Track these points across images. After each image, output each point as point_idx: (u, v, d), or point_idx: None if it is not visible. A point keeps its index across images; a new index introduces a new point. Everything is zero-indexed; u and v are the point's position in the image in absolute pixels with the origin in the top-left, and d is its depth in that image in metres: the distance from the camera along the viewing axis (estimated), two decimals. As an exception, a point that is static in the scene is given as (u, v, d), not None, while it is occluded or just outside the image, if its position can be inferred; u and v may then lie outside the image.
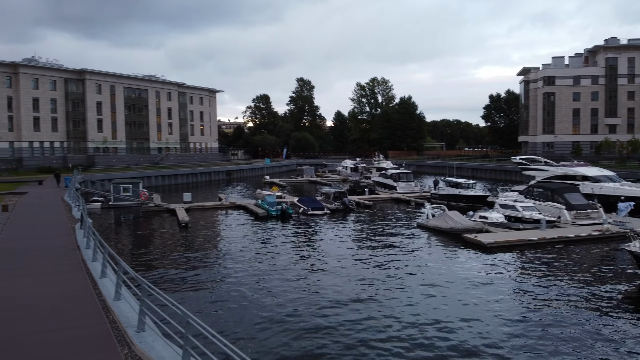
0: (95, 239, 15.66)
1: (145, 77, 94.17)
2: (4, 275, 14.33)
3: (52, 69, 78.27)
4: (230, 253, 26.79)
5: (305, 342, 14.28)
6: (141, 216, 41.40)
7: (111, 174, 64.29)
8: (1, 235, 21.43)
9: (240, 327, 15.53)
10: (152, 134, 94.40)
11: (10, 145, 73.59)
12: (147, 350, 8.49)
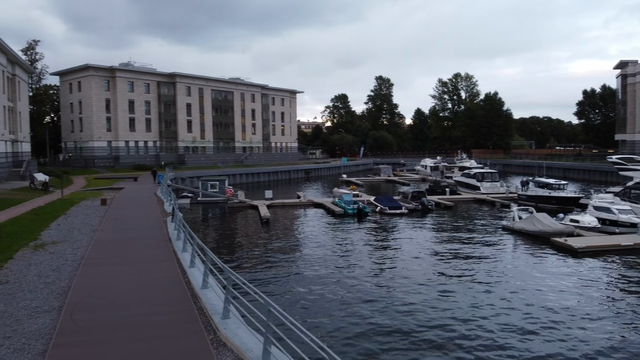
0: (185, 231, 16.77)
1: (231, 79, 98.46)
2: (107, 263, 15.79)
3: (146, 73, 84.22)
4: (308, 248, 27.41)
5: (383, 339, 14.35)
6: (226, 211, 43.44)
7: (199, 171, 67.96)
8: (100, 227, 23.52)
9: (319, 318, 15.93)
10: (237, 134, 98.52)
11: (108, 145, 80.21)
12: (231, 337, 9.03)
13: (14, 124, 56.66)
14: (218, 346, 8.92)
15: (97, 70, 78.01)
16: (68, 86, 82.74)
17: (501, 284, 20.39)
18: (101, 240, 19.72)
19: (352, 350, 13.52)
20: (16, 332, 9.62)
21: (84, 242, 19.57)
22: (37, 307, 11.25)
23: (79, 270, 14.73)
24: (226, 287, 10.11)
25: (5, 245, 18.44)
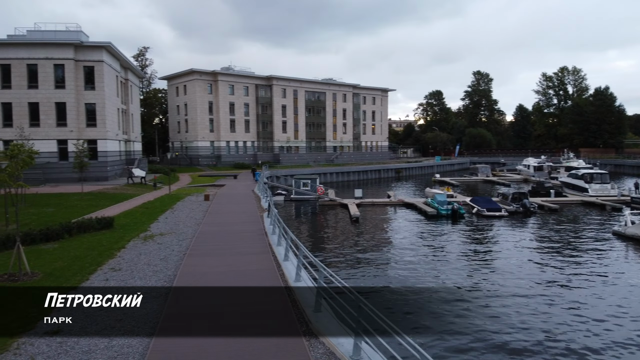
0: (280, 226, 17.34)
1: (323, 80, 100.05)
2: (209, 254, 16.78)
3: (245, 76, 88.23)
4: (399, 248, 27.04)
5: (473, 342, 13.75)
6: (317, 209, 44.22)
7: (293, 170, 69.90)
8: (203, 220, 25.02)
9: (408, 318, 15.65)
10: (328, 133, 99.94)
11: (211, 144, 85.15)
12: (323, 330, 9.16)
13: (127, 125, 62.26)
14: (310, 338, 9.11)
15: (201, 75, 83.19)
16: (175, 90, 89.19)
17: (610, 294, 18.62)
18: (204, 233, 20.99)
19: (444, 353, 13.11)
20: (127, 316, 10.51)
21: (189, 234, 20.95)
22: (146, 292, 12.21)
23: (184, 260, 15.79)
24: (317, 281, 10.29)
25: (119, 236, 20.30)
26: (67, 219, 22.92)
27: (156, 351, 8.57)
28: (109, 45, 49.92)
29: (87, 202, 32.22)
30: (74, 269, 14.51)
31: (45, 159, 45.12)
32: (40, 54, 46.88)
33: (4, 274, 13.53)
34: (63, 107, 47.93)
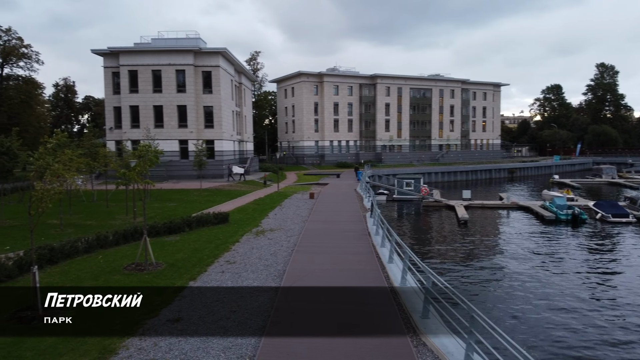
0: (384, 227, 17.16)
1: (430, 76, 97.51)
2: (315, 252, 17.12)
3: (349, 76, 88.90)
4: (512, 255, 25.42)
5: None
6: (421, 210, 43.20)
7: (395, 169, 69.07)
8: (309, 218, 25.61)
9: (523, 331, 14.63)
10: (434, 131, 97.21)
11: (315, 144, 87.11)
12: (431, 337, 8.87)
13: (240, 126, 65.88)
14: (418, 345, 8.87)
15: (307, 77, 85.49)
16: (283, 92, 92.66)
17: None
18: (310, 231, 21.49)
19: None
20: (241, 308, 11.06)
21: (296, 231, 21.59)
22: (258, 287, 12.79)
23: (292, 256, 16.29)
24: (425, 286, 9.99)
25: (233, 230, 21.50)
26: (188, 213, 24.83)
27: (268, 345, 8.90)
28: (225, 51, 53.17)
29: (205, 197, 34.65)
30: (193, 261, 15.62)
31: (168, 158, 49.35)
32: (164, 60, 51.33)
33: (132, 263, 14.96)
34: (184, 109, 52.07)
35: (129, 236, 18.68)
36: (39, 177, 10.96)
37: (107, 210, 28.37)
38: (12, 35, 55.98)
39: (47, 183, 10.76)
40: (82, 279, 13.29)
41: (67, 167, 12.63)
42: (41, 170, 10.92)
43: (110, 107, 53.21)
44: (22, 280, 13.03)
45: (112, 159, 31.62)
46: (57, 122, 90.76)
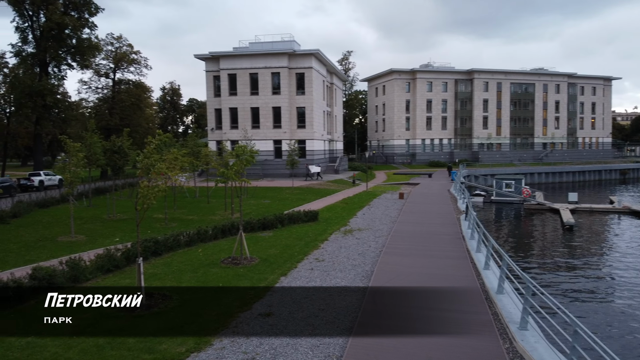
0: (480, 231, 16.34)
1: (532, 70, 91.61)
2: (404, 254, 16.78)
3: (444, 72, 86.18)
4: (623, 266, 23.00)
5: None
6: (522, 213, 40.69)
7: (494, 169, 65.79)
8: (398, 219, 25.16)
9: (633, 351, 13.17)
10: (536, 129, 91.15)
11: (406, 142, 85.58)
12: (529, 350, 8.27)
13: (331, 126, 66.59)
14: (514, 357, 8.31)
15: (399, 74, 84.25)
16: (374, 90, 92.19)
17: None
18: (399, 232, 21.11)
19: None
20: (329, 306, 11.11)
21: (384, 231, 21.33)
22: (345, 286, 12.79)
23: (380, 257, 16.09)
24: (524, 296, 9.33)
25: (322, 229, 21.73)
26: (280, 210, 25.56)
27: (355, 345, 8.83)
28: (317, 52, 54.05)
29: (297, 196, 35.48)
30: (284, 257, 16.02)
31: (263, 157, 51.25)
32: (260, 63, 53.34)
33: (229, 257, 15.67)
34: (278, 111, 53.77)
35: (227, 231, 19.62)
36: (146, 174, 11.79)
37: (207, 206, 30.06)
38: (123, 42, 61.24)
39: (151, 181, 11.53)
40: (183, 271, 14.17)
41: (172, 165, 13.48)
42: (147, 169, 11.74)
43: (212, 109, 56.41)
44: (128, 270, 14.18)
45: (212, 158, 33.52)
46: (164, 123, 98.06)
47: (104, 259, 13.93)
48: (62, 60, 49.42)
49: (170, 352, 8.51)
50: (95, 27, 50.25)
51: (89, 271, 13.14)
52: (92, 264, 13.51)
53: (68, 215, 22.06)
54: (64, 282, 12.23)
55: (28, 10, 46.36)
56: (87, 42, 49.04)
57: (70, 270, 12.61)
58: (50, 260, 14.90)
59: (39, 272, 11.76)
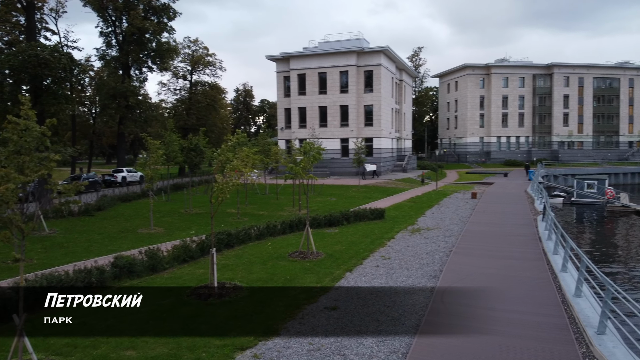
0: (558, 232, 15.52)
1: (617, 64, 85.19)
2: (475, 254, 16.28)
3: (520, 67, 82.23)
4: None
5: None
6: (605, 215, 38.03)
7: (575, 169, 62.05)
8: (470, 219, 24.38)
9: None
10: (622, 126, 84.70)
11: (480, 140, 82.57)
12: (607, 355, 7.78)
13: (399, 124, 65.75)
14: (591, 362, 7.83)
15: (473, 69, 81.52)
16: (446, 87, 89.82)
17: None
18: (470, 232, 20.48)
19: None
20: (395, 303, 11.02)
21: (455, 231, 20.78)
22: (412, 284, 12.62)
23: (450, 257, 15.70)
24: (603, 300, 8.75)
25: (389, 227, 21.55)
26: (346, 208, 25.66)
27: (421, 343, 8.71)
28: (386, 49, 53.59)
29: (363, 194, 35.43)
30: (350, 253, 16.07)
31: (330, 155, 51.62)
32: (329, 62, 53.72)
33: (296, 251, 15.99)
34: (346, 109, 53.91)
35: (294, 226, 20.02)
36: (220, 170, 12.31)
37: (276, 202, 30.80)
38: (199, 45, 64.08)
39: (226, 176, 12.04)
40: (253, 263, 14.63)
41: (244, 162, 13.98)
42: (222, 165, 12.26)
43: (282, 108, 57.65)
44: (202, 261, 14.86)
45: (281, 156, 34.30)
46: (237, 123, 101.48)
47: (180, 249, 14.70)
48: (143, 63, 52.60)
49: (240, 338, 8.83)
50: (174, 31, 52.97)
51: (166, 261, 13.93)
52: (169, 254, 14.31)
53: (148, 209, 23.47)
54: (142, 270, 13.06)
55: (111, 16, 49.76)
56: (165, 45, 51.83)
57: (149, 260, 13.44)
58: (131, 250, 15.92)
59: (120, 261, 12.64)
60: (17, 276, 10.85)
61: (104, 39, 51.04)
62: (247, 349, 8.50)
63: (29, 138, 7.78)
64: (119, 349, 8.36)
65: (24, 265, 7.94)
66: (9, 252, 15.80)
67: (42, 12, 41.11)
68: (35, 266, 14.21)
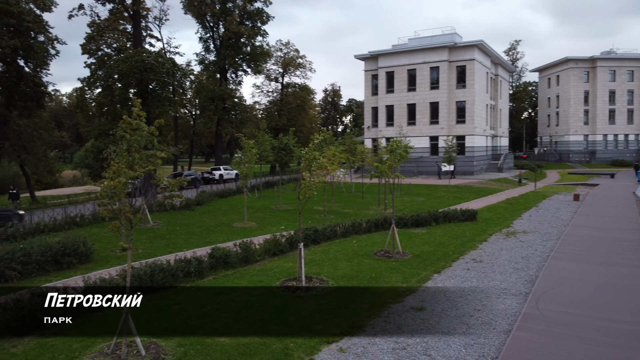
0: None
1: None
2: (576, 260, 15.17)
3: (630, 59, 74.65)
4: None
5: None
6: None
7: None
8: (571, 222, 22.68)
9: None
10: None
11: (584, 139, 76.31)
12: None
13: (495, 121, 62.73)
14: None
15: (576, 62, 75.59)
16: (546, 81, 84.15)
17: None
18: (571, 236, 19.11)
19: None
20: (485, 307, 10.60)
21: (554, 235, 19.50)
22: (505, 289, 12.04)
23: (547, 262, 14.77)
24: None
25: (481, 229, 20.70)
26: (435, 208, 25.05)
27: (512, 348, 8.32)
28: (481, 43, 51.44)
29: (453, 194, 34.35)
30: (438, 255, 15.69)
31: (418, 154, 50.63)
32: (418, 59, 52.70)
33: (381, 250, 15.92)
34: (436, 106, 52.56)
35: (380, 225, 19.94)
36: (308, 168, 12.64)
37: (362, 201, 30.87)
38: (290, 48, 65.93)
39: (313, 174, 12.34)
40: (338, 259, 14.82)
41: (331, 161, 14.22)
42: (309, 163, 12.57)
43: (369, 107, 57.59)
44: (291, 255, 15.32)
45: (367, 155, 34.28)
46: (325, 123, 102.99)
47: (270, 243, 15.34)
48: (238, 67, 55.21)
49: (325, 332, 9.01)
50: (267, 34, 55.09)
51: (257, 254, 14.58)
52: (261, 247, 14.98)
53: (242, 205, 24.64)
54: (236, 262, 13.77)
55: (209, 22, 52.76)
56: (259, 49, 53.99)
57: (242, 252, 14.15)
58: (226, 243, 16.82)
59: (217, 252, 13.44)
60: (125, 264, 11.92)
61: (202, 44, 54.39)
62: (332, 342, 8.65)
63: (139, 137, 8.53)
64: (214, 335, 8.89)
65: (131, 253, 8.71)
66: (117, 242, 17.44)
67: (146, 20, 44.70)
68: (140, 255, 15.52)
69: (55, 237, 15.32)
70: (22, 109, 33.54)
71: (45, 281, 12.54)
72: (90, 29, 39.18)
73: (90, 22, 39.38)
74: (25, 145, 34.57)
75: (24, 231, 18.36)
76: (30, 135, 35.22)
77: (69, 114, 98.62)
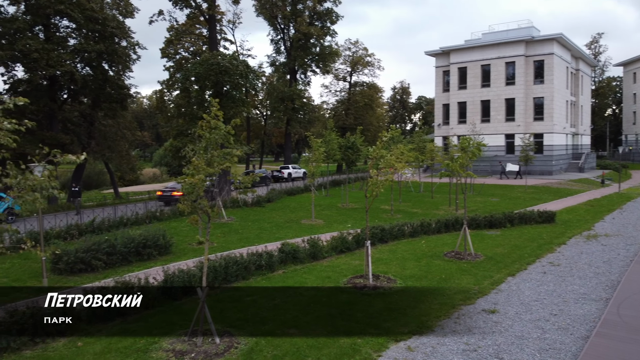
0: None
1: None
2: (665, 265, 14.07)
3: None
4: None
5: None
6: None
7: None
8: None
9: None
10: None
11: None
12: None
13: (575, 118, 59.07)
14: None
15: (667, 54, 69.49)
16: (631, 76, 77.97)
17: None
18: None
19: None
20: (562, 312, 10.12)
21: (638, 239, 18.18)
22: (584, 294, 11.42)
23: (631, 266, 13.83)
24: None
25: (560, 231, 19.66)
26: (510, 209, 24.10)
27: (590, 354, 7.91)
28: (560, 37, 48.71)
29: (530, 195, 32.85)
30: (513, 257, 15.12)
31: (493, 153, 48.77)
32: (493, 54, 50.75)
33: (452, 251, 15.57)
34: (512, 102, 50.37)
35: (450, 226, 19.51)
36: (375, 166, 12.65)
37: (431, 200, 30.30)
38: (359, 46, 65.85)
39: (380, 172, 12.33)
40: (406, 259, 14.70)
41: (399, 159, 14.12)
42: (376, 161, 12.57)
43: (440, 104, 56.27)
44: (357, 253, 15.40)
45: (437, 153, 33.55)
46: (393, 121, 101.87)
47: (337, 240, 15.52)
48: (307, 67, 56.02)
49: (393, 331, 9.01)
50: (336, 34, 55.34)
51: (325, 250, 14.82)
52: (328, 244, 15.21)
53: (310, 202, 25.06)
54: (305, 257, 14.08)
55: (280, 24, 53.91)
56: (328, 49, 54.44)
57: (310, 248, 14.45)
58: (295, 239, 17.21)
59: (286, 247, 13.84)
60: (202, 256, 12.55)
61: (273, 46, 55.76)
62: (400, 341, 8.64)
63: (217, 135, 8.99)
64: (284, 327, 9.18)
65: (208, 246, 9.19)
66: (194, 236, 18.40)
67: (221, 24, 46.42)
68: (215, 248, 16.28)
69: (137, 230, 16.41)
70: (107, 110, 36.24)
71: (128, 271, 13.47)
72: (169, 33, 41.37)
73: (169, 27, 41.60)
74: (110, 144, 37.31)
75: (109, 224, 19.80)
76: (114, 135, 37.94)
77: (149, 115, 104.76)
